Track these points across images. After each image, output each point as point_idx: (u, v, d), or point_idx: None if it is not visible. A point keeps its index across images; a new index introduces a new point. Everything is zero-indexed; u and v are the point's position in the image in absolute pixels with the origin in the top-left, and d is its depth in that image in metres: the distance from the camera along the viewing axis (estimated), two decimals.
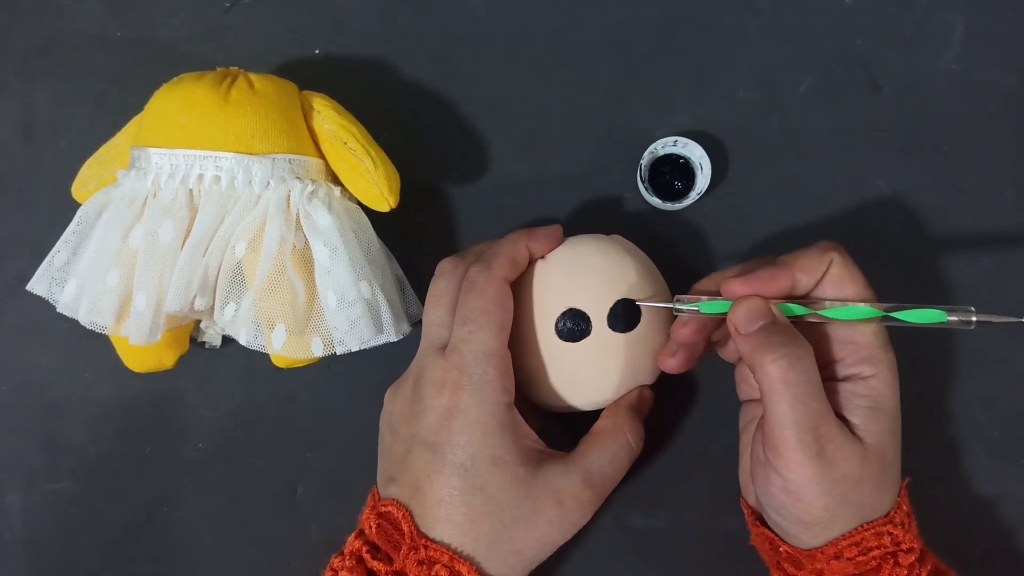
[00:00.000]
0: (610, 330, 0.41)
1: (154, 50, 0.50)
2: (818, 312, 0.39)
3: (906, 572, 0.38)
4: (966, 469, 0.47)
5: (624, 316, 0.42)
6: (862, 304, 0.38)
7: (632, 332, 0.42)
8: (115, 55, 0.50)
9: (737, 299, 0.38)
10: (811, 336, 0.39)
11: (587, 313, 0.41)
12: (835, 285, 0.39)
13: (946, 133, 0.48)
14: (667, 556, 0.47)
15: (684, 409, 0.48)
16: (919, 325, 0.38)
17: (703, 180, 0.46)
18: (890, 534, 0.38)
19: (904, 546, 0.38)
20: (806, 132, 0.48)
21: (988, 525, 0.47)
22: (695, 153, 0.47)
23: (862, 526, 0.38)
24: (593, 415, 0.43)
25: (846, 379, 0.39)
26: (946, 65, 0.49)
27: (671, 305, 0.41)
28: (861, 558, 0.38)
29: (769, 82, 0.49)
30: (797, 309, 0.39)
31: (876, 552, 0.38)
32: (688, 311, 0.40)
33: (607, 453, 0.41)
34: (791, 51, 0.49)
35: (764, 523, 0.41)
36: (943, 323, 0.38)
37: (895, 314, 0.38)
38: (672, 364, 0.42)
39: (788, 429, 0.36)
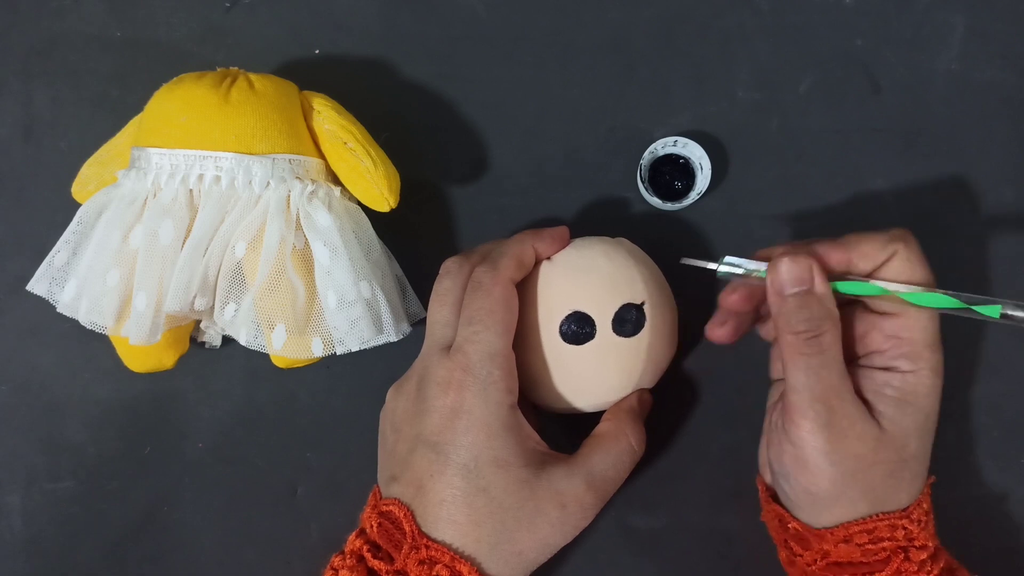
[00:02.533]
0: (614, 334, 0.41)
1: (154, 50, 0.50)
2: (860, 285, 0.38)
3: (916, 568, 0.38)
4: (968, 469, 0.48)
5: (628, 321, 0.42)
6: (901, 287, 0.38)
7: (636, 337, 0.42)
8: (115, 55, 0.50)
9: (781, 256, 0.38)
10: (859, 324, 0.40)
11: (592, 316, 0.41)
12: (895, 277, 0.39)
13: (946, 133, 0.48)
14: (667, 556, 0.47)
15: (684, 409, 0.48)
16: (942, 310, 0.38)
17: (703, 180, 0.46)
18: (905, 528, 0.38)
19: (917, 542, 0.38)
20: (806, 132, 0.48)
21: (989, 525, 0.47)
22: (695, 153, 0.47)
23: (876, 515, 0.38)
24: (593, 417, 0.43)
25: (884, 368, 0.39)
26: (946, 65, 0.49)
27: (715, 266, 0.40)
28: (871, 546, 0.38)
29: (769, 82, 0.49)
30: (845, 287, 0.38)
31: (887, 543, 0.38)
32: (730, 272, 0.40)
33: (610, 456, 0.41)
34: (791, 51, 0.49)
35: (777, 500, 0.42)
36: (964, 309, 0.37)
37: (912, 298, 0.37)
38: (720, 334, 0.42)
39: (801, 395, 0.37)
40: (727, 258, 0.40)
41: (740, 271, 0.39)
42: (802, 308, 0.38)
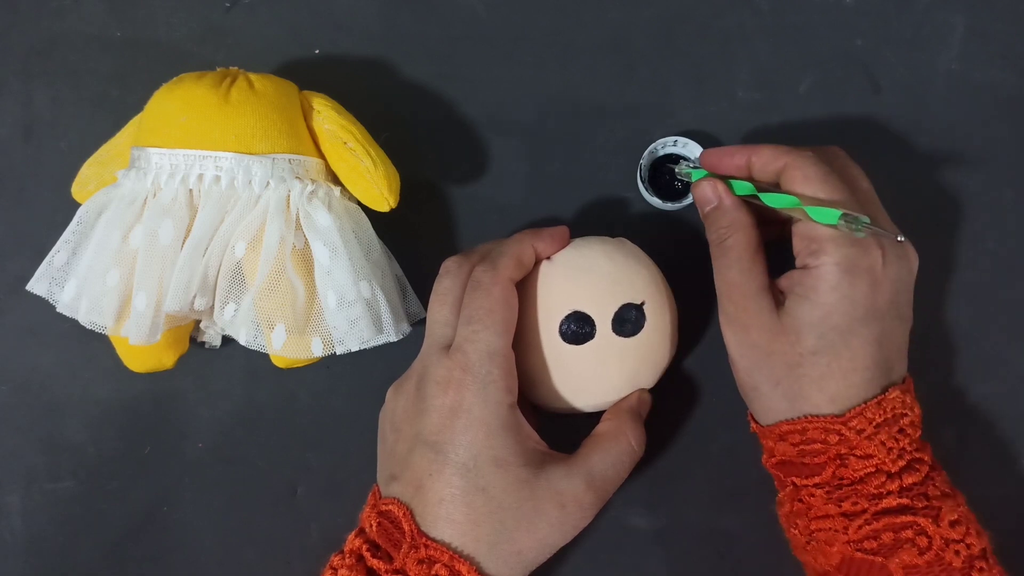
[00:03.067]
0: (613, 334, 0.41)
1: (154, 50, 0.50)
2: (757, 194, 0.41)
3: (858, 476, 0.39)
4: (968, 469, 0.47)
5: (628, 321, 0.42)
6: (784, 195, 0.40)
7: (635, 336, 0.42)
8: (115, 55, 0.50)
9: (697, 182, 0.43)
10: (786, 228, 0.42)
11: (591, 316, 0.41)
12: (792, 182, 0.40)
13: (946, 133, 0.48)
14: (667, 556, 0.47)
15: (684, 409, 0.48)
16: (780, 209, 0.40)
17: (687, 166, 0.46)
18: (840, 435, 0.39)
19: (859, 452, 0.39)
20: (806, 132, 0.48)
21: (989, 526, 0.47)
22: (695, 153, 0.47)
23: (805, 417, 0.40)
24: (593, 417, 0.43)
25: (801, 268, 0.40)
26: (946, 65, 0.49)
27: (675, 167, 0.46)
28: (805, 447, 0.40)
29: (769, 82, 0.49)
30: (740, 187, 0.42)
31: (819, 446, 0.39)
32: (682, 174, 0.46)
33: (609, 456, 0.41)
34: (791, 51, 0.49)
35: None
36: (832, 226, 0.38)
37: (807, 208, 0.39)
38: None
39: (719, 297, 0.42)
40: (682, 161, 0.47)
41: (690, 176, 0.45)
42: (714, 220, 0.42)
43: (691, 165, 0.46)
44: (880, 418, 0.39)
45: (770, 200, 0.40)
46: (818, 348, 0.39)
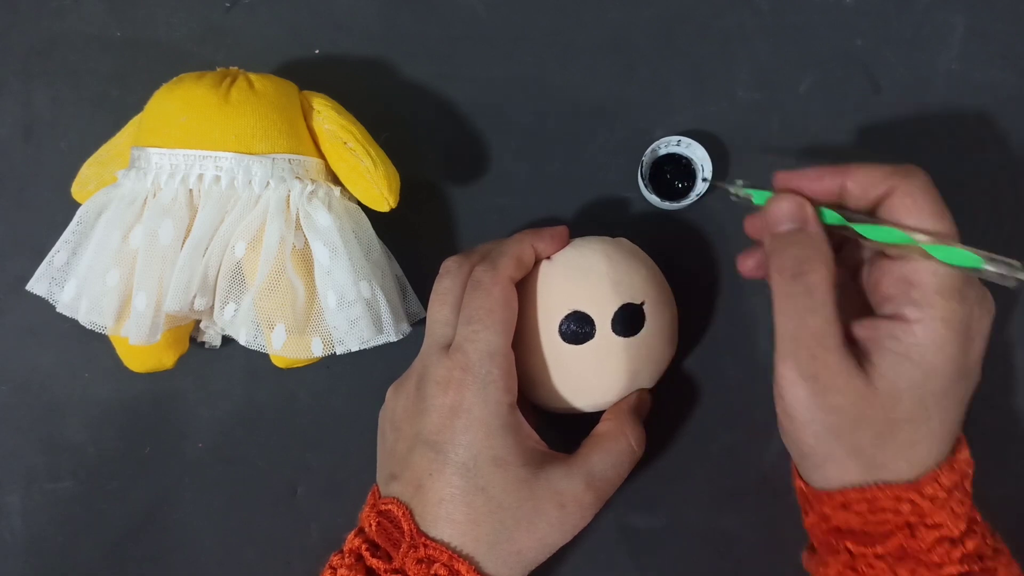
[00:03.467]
0: (614, 334, 0.41)
1: (154, 50, 0.50)
2: (850, 224, 0.35)
3: (927, 547, 0.35)
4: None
5: (628, 321, 0.41)
6: (900, 229, 0.34)
7: (635, 336, 0.42)
8: (115, 55, 0.50)
9: (775, 195, 0.37)
10: (874, 269, 0.37)
11: (591, 316, 0.41)
12: (898, 212, 0.35)
13: (946, 133, 0.48)
14: (667, 556, 0.47)
15: (684, 409, 0.48)
16: (951, 266, 0.34)
17: (703, 181, 0.46)
18: (912, 503, 0.35)
19: (929, 520, 0.36)
20: (806, 132, 0.48)
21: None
22: (697, 154, 0.47)
23: (878, 484, 0.35)
24: (593, 417, 0.43)
25: (891, 318, 0.36)
26: (946, 65, 0.49)
27: (727, 186, 0.39)
28: (871, 516, 0.36)
29: (769, 82, 0.49)
30: (830, 216, 0.36)
31: (890, 516, 0.35)
32: (741, 195, 0.38)
33: (609, 456, 0.41)
34: (791, 51, 0.49)
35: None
36: (977, 270, 0.33)
37: (926, 246, 0.33)
38: (750, 266, 0.40)
39: (785, 342, 0.35)
40: (738, 180, 0.39)
41: (750, 197, 0.38)
42: (791, 245, 0.36)
43: (747, 184, 0.39)
44: (950, 482, 0.36)
45: (872, 234, 0.34)
46: (914, 415, 0.35)
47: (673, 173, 0.48)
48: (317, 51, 0.50)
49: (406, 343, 0.45)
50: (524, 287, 0.42)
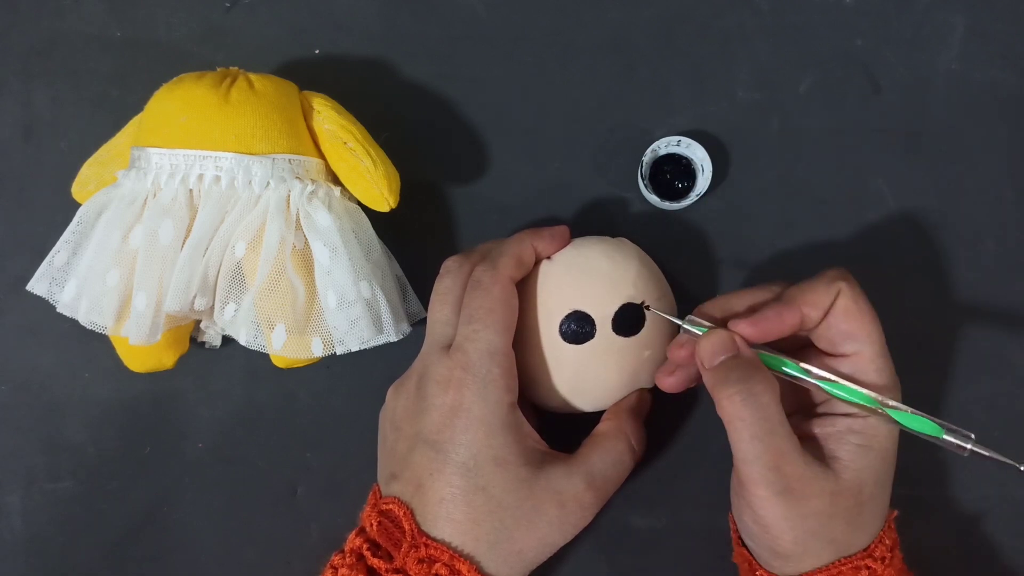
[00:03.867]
0: (614, 334, 0.41)
1: (154, 50, 0.50)
2: (813, 381, 0.38)
3: None
4: (966, 470, 0.47)
5: (628, 320, 0.42)
6: (861, 389, 0.38)
7: (635, 336, 0.42)
8: (115, 55, 0.50)
9: (705, 334, 0.39)
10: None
11: (591, 316, 0.41)
12: (842, 318, 0.38)
13: (946, 133, 0.48)
14: (667, 556, 0.47)
15: (684, 409, 0.48)
16: (909, 430, 0.38)
17: (704, 181, 0.46)
18: (868, 568, 0.38)
19: None
20: (806, 132, 0.48)
21: (989, 526, 0.47)
22: (697, 154, 0.47)
23: (839, 560, 0.38)
24: (593, 417, 0.43)
25: (845, 415, 0.39)
26: (946, 65, 0.49)
27: (678, 322, 0.41)
28: None
29: (769, 82, 0.49)
30: (791, 368, 0.39)
31: None
32: (692, 333, 0.40)
33: (610, 456, 0.41)
34: (791, 51, 0.49)
35: (746, 544, 0.41)
36: (936, 438, 0.37)
37: (890, 411, 0.37)
38: (669, 383, 0.41)
39: (751, 465, 0.36)
40: (688, 317, 0.40)
41: (699, 333, 0.39)
42: (731, 371, 0.37)
43: (697, 321, 0.40)
44: (891, 540, 0.39)
45: (841, 393, 0.38)
46: (875, 493, 0.38)
47: (673, 173, 0.48)
48: (317, 51, 0.50)
49: (406, 343, 0.45)
50: (524, 287, 0.42)
